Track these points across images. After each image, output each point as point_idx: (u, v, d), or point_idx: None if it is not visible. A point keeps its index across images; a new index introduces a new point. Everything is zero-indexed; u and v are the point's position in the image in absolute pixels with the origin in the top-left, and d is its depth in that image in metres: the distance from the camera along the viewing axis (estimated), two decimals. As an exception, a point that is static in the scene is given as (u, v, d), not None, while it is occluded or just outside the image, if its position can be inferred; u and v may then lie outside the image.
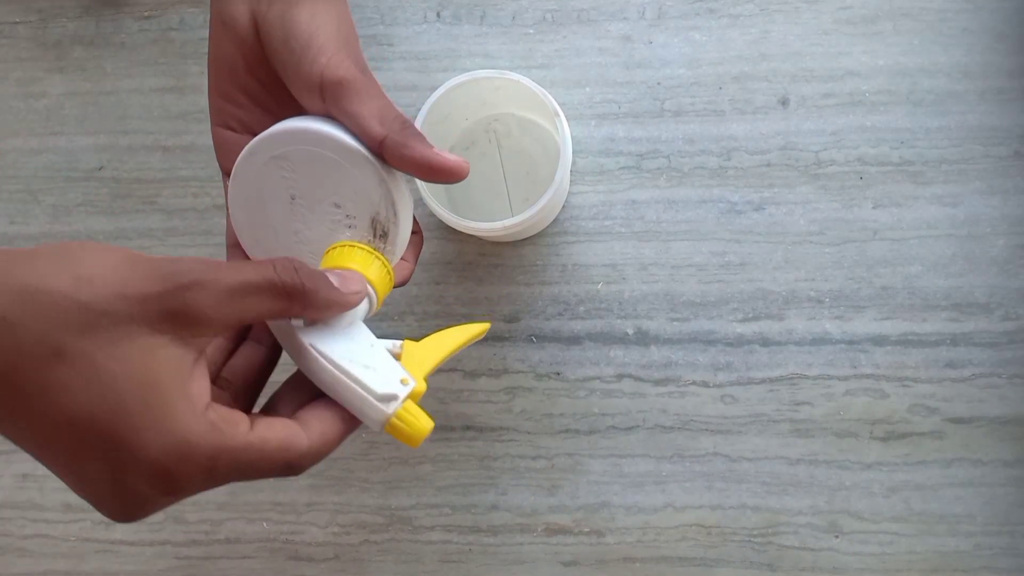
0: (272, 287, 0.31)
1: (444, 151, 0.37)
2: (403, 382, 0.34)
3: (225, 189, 0.42)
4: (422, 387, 0.35)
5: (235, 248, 0.42)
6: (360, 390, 0.33)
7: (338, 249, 0.37)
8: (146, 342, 0.27)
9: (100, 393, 0.26)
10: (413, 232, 0.42)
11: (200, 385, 0.29)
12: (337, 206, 0.38)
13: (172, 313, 0.27)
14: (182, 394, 0.28)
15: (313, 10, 0.38)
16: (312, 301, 0.32)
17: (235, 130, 0.42)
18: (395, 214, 0.38)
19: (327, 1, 0.39)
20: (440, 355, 0.37)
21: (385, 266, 0.38)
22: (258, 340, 0.38)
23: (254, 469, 0.30)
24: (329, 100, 0.37)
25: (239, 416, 0.30)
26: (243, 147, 0.39)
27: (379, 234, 0.38)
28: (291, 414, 0.33)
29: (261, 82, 0.40)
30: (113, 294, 0.26)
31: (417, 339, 0.37)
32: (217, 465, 0.28)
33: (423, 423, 0.34)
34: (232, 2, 0.39)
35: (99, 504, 0.29)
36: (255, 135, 0.40)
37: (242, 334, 0.39)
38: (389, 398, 0.33)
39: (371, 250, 0.38)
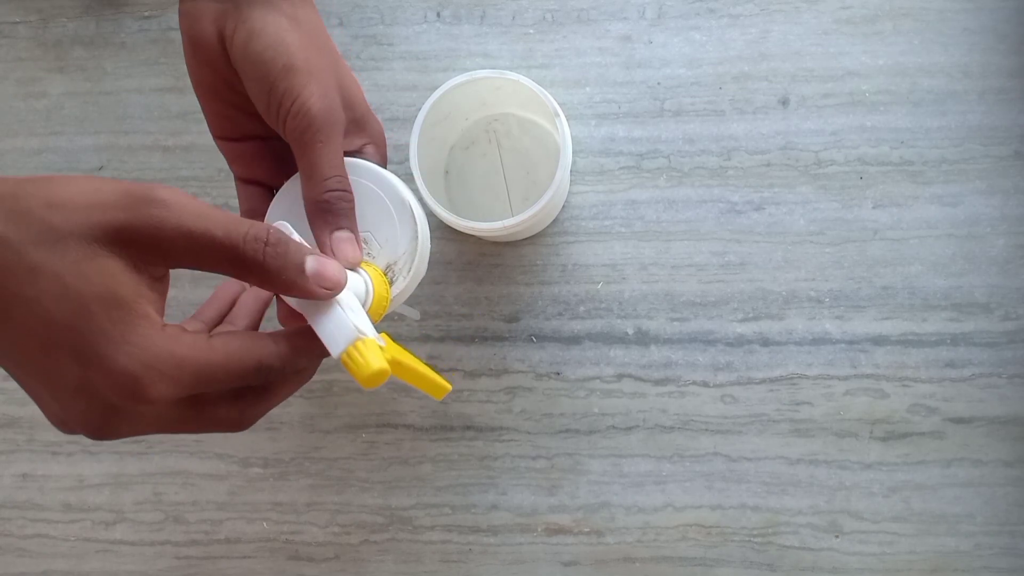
0: (232, 252, 0.31)
1: (348, 250, 0.38)
2: (376, 333, 0.35)
3: (238, 193, 0.44)
4: (389, 354, 0.35)
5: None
6: (338, 308, 0.34)
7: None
8: (106, 263, 0.29)
9: (69, 308, 0.28)
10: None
11: (155, 307, 0.30)
12: (365, 242, 0.41)
13: (131, 234, 0.29)
14: (142, 312, 0.29)
15: (278, 36, 0.38)
16: (271, 280, 0.33)
17: (236, 139, 0.42)
18: (409, 271, 0.41)
19: (292, 21, 0.39)
20: (410, 359, 0.37)
21: (385, 292, 0.40)
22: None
23: (223, 373, 0.31)
24: (292, 144, 0.39)
25: (200, 329, 0.33)
26: (250, 152, 0.42)
27: (388, 279, 0.41)
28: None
29: (243, 95, 0.40)
30: (80, 218, 0.28)
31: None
32: (183, 372, 0.30)
33: (379, 362, 0.33)
34: (200, 21, 0.39)
35: (73, 417, 0.30)
36: (255, 137, 0.40)
37: None
38: (359, 327, 0.34)
39: (381, 272, 0.40)
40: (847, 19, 0.54)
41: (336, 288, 0.34)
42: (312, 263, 0.33)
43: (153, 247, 0.29)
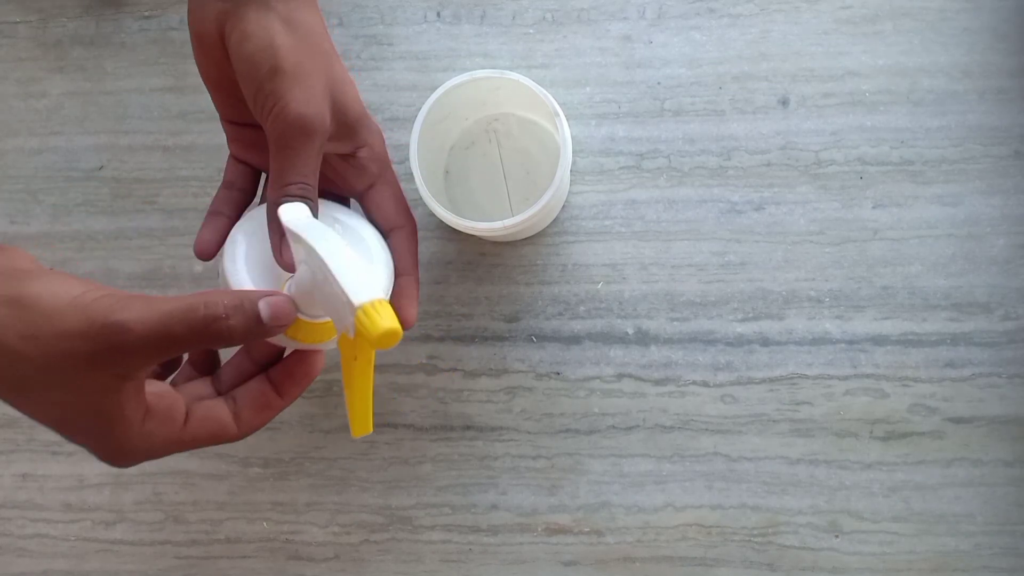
0: (199, 339, 0.34)
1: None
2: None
3: (226, 166, 0.45)
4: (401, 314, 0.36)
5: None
6: (349, 281, 0.34)
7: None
8: (84, 381, 0.33)
9: (57, 417, 0.34)
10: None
11: (134, 405, 0.35)
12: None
13: (102, 356, 0.32)
14: (119, 417, 0.34)
15: (268, 39, 0.39)
16: (238, 341, 0.35)
17: (239, 123, 0.44)
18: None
19: (286, 24, 0.40)
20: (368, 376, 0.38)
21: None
22: None
23: (191, 446, 0.38)
24: (269, 145, 0.40)
25: (177, 412, 0.37)
26: (249, 137, 0.43)
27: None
28: (233, 383, 0.40)
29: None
30: (53, 350, 0.32)
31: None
32: (153, 456, 0.37)
33: (388, 321, 0.33)
34: (204, 19, 0.40)
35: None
36: (258, 126, 0.42)
37: None
38: (369, 287, 0.34)
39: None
40: (847, 19, 0.54)
41: (287, 322, 0.36)
42: (265, 309, 0.35)
43: (122, 364, 0.33)
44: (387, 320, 0.33)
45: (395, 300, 0.43)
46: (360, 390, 0.38)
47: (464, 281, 0.55)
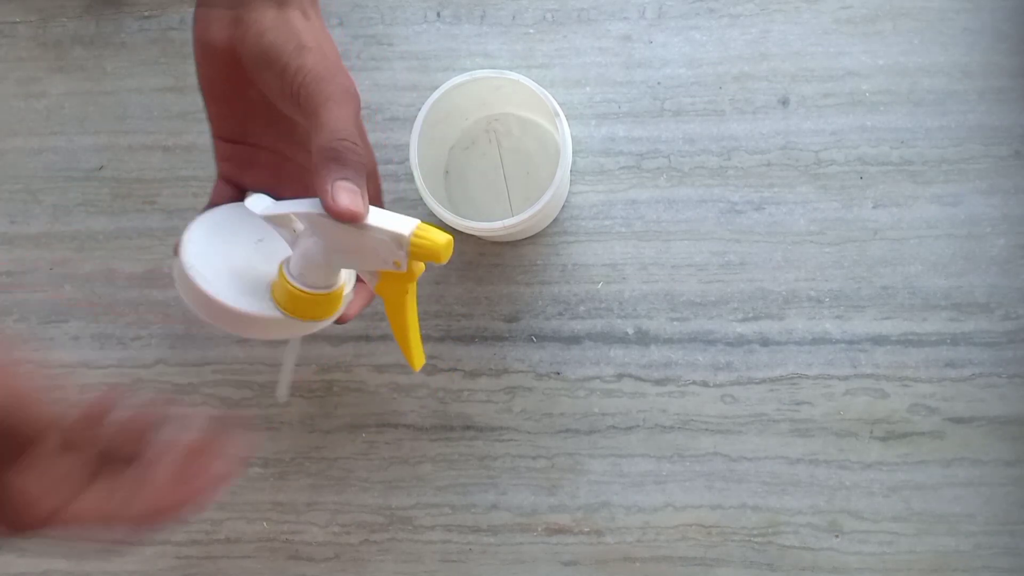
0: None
1: (346, 198, 0.37)
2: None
3: (214, 187, 0.44)
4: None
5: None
6: (382, 224, 0.36)
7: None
8: None
9: None
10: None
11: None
12: (259, 240, 0.42)
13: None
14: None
15: (290, 25, 0.39)
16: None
17: (234, 141, 0.43)
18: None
19: (303, 17, 0.40)
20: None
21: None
22: None
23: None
24: (308, 116, 0.38)
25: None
26: (241, 156, 0.43)
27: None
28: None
29: (249, 100, 0.42)
30: None
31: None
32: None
33: (441, 235, 0.36)
34: (211, 30, 0.40)
35: None
36: (252, 144, 0.42)
37: None
38: (405, 223, 0.36)
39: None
40: (847, 19, 0.54)
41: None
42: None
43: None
44: (441, 233, 0.36)
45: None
46: (413, 323, 0.40)
47: (464, 281, 0.55)
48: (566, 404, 0.54)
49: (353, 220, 0.36)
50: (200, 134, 0.58)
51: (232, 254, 0.41)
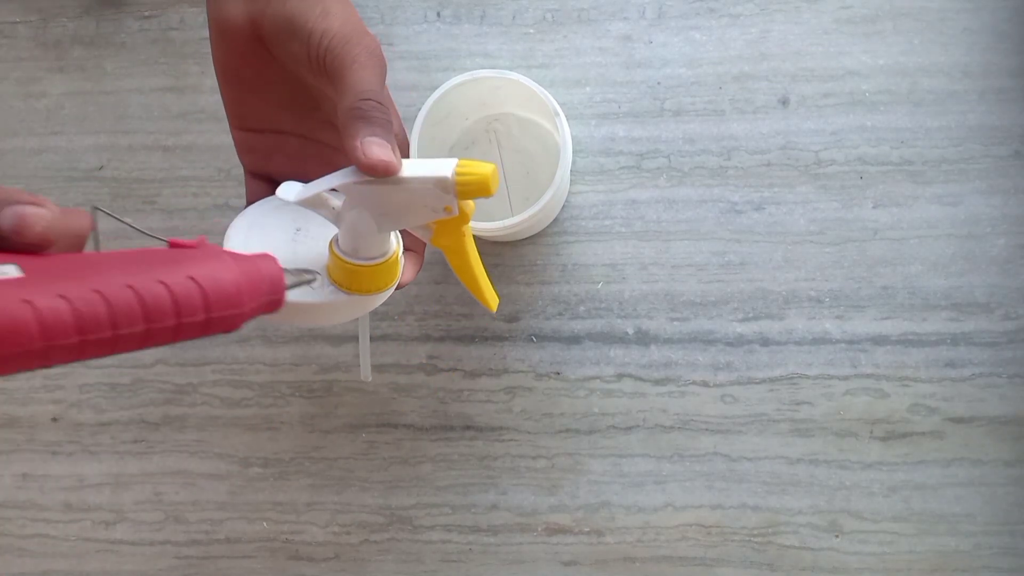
0: None
1: (378, 151, 0.36)
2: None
3: (246, 185, 0.43)
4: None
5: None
6: (421, 172, 0.35)
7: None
8: None
9: None
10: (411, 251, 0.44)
11: None
12: (297, 229, 0.41)
13: None
14: None
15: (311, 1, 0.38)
16: None
17: (255, 130, 0.42)
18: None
19: None
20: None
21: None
22: None
23: None
24: (334, 79, 0.38)
25: None
26: (265, 145, 0.42)
27: None
28: None
29: (270, 81, 0.40)
30: None
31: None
32: None
33: (483, 165, 0.35)
34: (227, 8, 0.39)
35: None
36: (275, 131, 0.41)
37: None
38: (445, 165, 0.35)
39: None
40: (847, 19, 0.54)
41: None
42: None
43: None
44: (483, 164, 0.35)
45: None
46: (478, 265, 0.39)
47: (464, 281, 0.55)
48: (566, 404, 0.54)
49: (387, 172, 0.36)
50: (200, 134, 0.58)
51: (275, 250, 0.40)
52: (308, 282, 0.37)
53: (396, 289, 0.42)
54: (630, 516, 0.53)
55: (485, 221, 0.48)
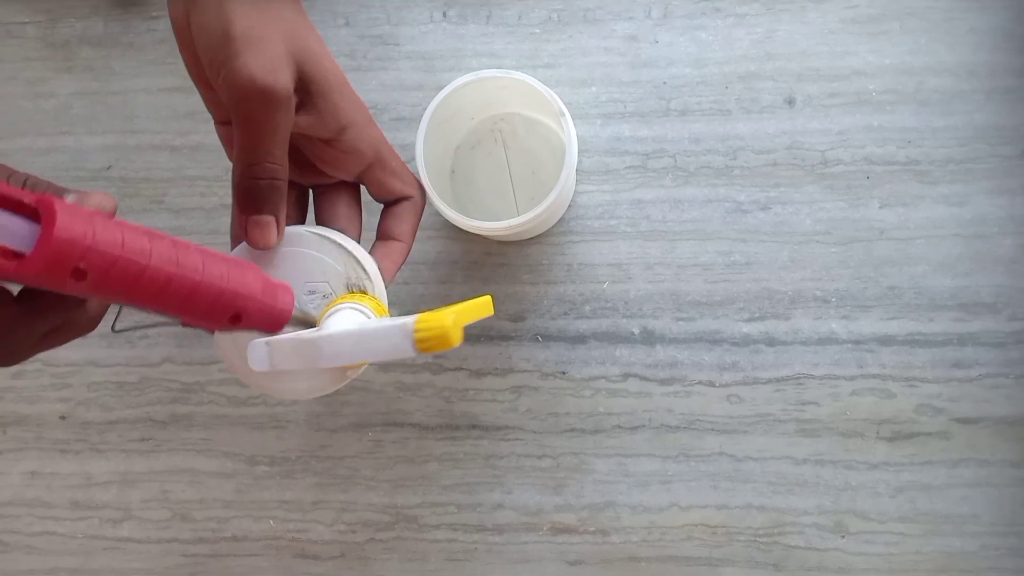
0: None
1: (256, 234, 0.38)
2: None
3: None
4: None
5: (239, 240, 0.42)
6: (379, 327, 0.35)
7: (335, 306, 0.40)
8: None
9: None
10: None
11: None
12: (311, 292, 0.41)
13: None
14: None
15: (219, 7, 0.36)
16: None
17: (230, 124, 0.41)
18: (364, 271, 0.41)
19: (255, 5, 0.37)
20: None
21: (373, 299, 0.41)
22: None
23: None
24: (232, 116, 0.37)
25: None
26: None
27: (357, 292, 0.41)
28: None
29: None
30: None
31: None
32: None
33: (443, 317, 0.34)
34: (175, 7, 0.38)
35: None
36: None
37: None
38: (401, 320, 0.35)
39: (359, 295, 0.41)
40: (853, 18, 0.54)
41: None
42: None
43: None
44: (439, 323, 0.34)
45: (379, 259, 0.43)
46: (463, 306, 0.38)
47: (470, 281, 0.55)
48: (571, 403, 0.54)
49: (266, 247, 0.38)
50: (208, 134, 0.58)
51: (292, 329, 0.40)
52: (308, 325, 0.39)
53: (386, 285, 0.43)
54: (635, 516, 0.53)
55: (491, 221, 0.48)
